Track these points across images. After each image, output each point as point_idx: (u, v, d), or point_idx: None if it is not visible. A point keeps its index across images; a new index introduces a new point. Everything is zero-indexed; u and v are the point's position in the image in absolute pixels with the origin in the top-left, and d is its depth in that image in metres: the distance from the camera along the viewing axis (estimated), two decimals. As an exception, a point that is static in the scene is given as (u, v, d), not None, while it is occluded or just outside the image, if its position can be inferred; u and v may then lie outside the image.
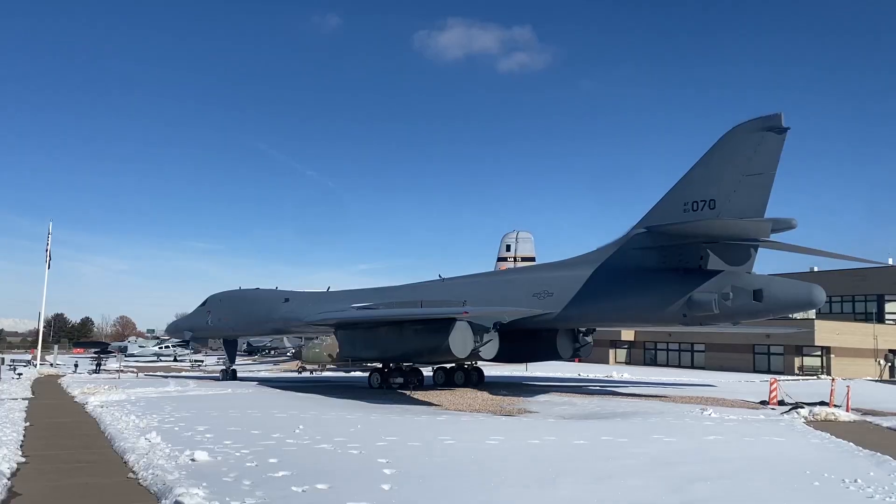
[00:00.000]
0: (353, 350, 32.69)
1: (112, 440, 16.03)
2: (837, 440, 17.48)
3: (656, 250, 26.31)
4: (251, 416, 20.85)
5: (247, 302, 39.84)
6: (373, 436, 16.87)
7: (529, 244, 48.16)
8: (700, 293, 24.84)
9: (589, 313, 28.82)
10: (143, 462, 12.89)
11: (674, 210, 25.90)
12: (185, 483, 10.95)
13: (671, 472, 12.83)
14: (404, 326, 29.34)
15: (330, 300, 36.91)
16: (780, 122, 23.92)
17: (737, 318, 26.16)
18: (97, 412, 21.46)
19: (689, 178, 25.85)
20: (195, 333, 43.19)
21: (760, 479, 12.31)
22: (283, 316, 37.18)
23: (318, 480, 11.48)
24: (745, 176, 24.36)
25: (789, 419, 22.08)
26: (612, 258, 27.88)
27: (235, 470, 12.42)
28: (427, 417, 21.33)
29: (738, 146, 24.63)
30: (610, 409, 24.89)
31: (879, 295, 58.20)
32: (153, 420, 19.33)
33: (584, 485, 11.62)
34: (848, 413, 23.21)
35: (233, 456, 13.85)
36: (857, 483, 12.02)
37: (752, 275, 25.15)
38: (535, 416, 22.77)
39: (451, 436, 17.06)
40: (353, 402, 26.10)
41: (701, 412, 23.40)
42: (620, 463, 13.68)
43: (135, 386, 32.38)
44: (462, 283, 33.71)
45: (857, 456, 15.22)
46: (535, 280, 30.46)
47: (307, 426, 18.47)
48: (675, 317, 26.15)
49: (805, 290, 24.41)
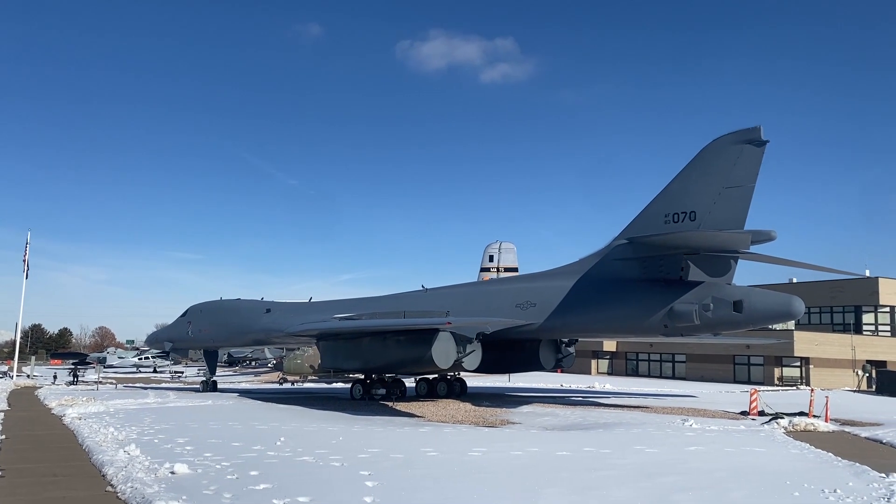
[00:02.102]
0: (335, 361, 32.52)
1: (90, 453, 15.81)
2: (817, 450, 17.65)
3: (638, 261, 26.49)
4: (232, 428, 20.67)
5: (228, 312, 39.55)
6: (355, 448, 16.78)
7: (512, 255, 48.40)
8: (681, 304, 25.02)
9: (571, 324, 28.89)
10: (121, 475, 12.74)
11: (655, 221, 26.12)
12: (165, 496, 10.87)
13: (653, 482, 12.89)
14: (387, 337, 29.23)
15: (312, 311, 36.74)
16: (760, 135, 24.25)
17: (717, 328, 26.36)
18: (75, 424, 21.18)
19: (670, 190, 26.11)
20: (175, 344, 42.81)
21: (741, 490, 12.39)
22: (264, 327, 36.95)
23: (299, 493, 11.41)
24: (725, 188, 24.64)
25: (769, 429, 22.27)
26: (594, 269, 28.04)
27: (216, 483, 12.31)
28: (409, 429, 21.26)
29: (718, 159, 24.91)
30: (592, 419, 24.96)
31: (857, 306, 58.94)
32: (132, 432, 19.12)
33: (567, 496, 11.64)
34: (827, 423, 23.46)
35: (213, 468, 13.72)
36: (837, 493, 12.14)
37: (733, 286, 25.38)
38: (518, 427, 22.78)
39: (434, 447, 17.02)
40: (335, 414, 25.98)
41: (682, 423, 23.55)
42: (603, 474, 13.71)
43: (113, 397, 31.98)
44: (445, 294, 33.72)
45: (836, 466, 15.37)
46: (517, 291, 30.53)
47: (288, 438, 18.34)
48: (657, 327, 26.31)
49: (784, 302, 24.65)
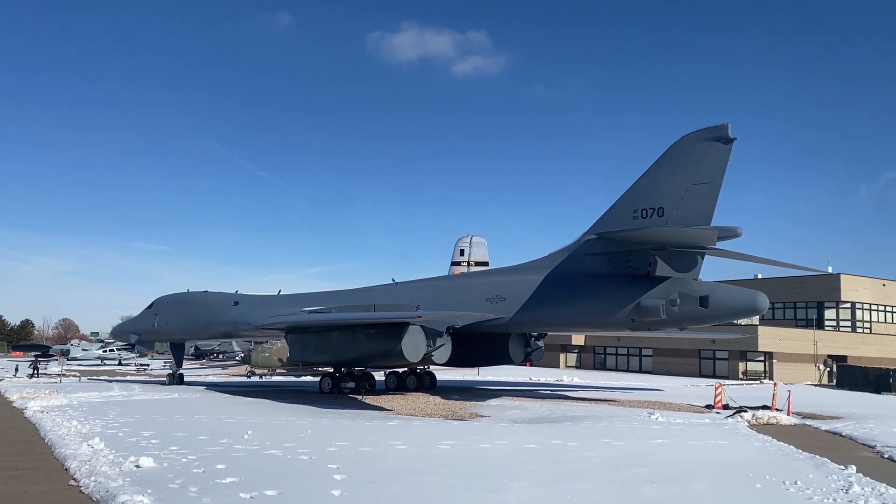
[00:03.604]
0: (303, 354, 32.33)
1: (52, 446, 15.58)
2: (779, 443, 18.04)
3: (606, 256, 26.75)
4: (198, 422, 20.47)
5: (195, 305, 39.11)
6: (323, 441, 16.73)
7: (483, 249, 48.44)
8: (648, 299, 25.31)
9: (540, 318, 29.08)
10: (85, 469, 12.57)
11: (624, 217, 26.38)
12: (130, 490, 10.74)
13: (619, 475, 13.06)
14: (356, 330, 29.16)
15: (281, 303, 36.49)
16: (727, 133, 24.61)
17: (684, 323, 26.72)
18: (37, 417, 20.85)
19: (639, 185, 26.37)
20: (141, 337, 42.22)
21: (705, 482, 12.62)
22: (231, 319, 36.59)
23: (266, 487, 11.36)
24: (693, 185, 24.96)
25: (733, 423, 22.68)
26: (563, 264, 28.25)
27: (182, 476, 12.19)
28: (379, 422, 21.26)
29: (686, 155, 25.21)
30: (560, 413, 25.19)
31: (819, 302, 60.21)
32: (96, 425, 18.83)
33: (535, 488, 11.75)
34: (789, 417, 23.96)
35: (179, 462, 13.59)
36: (797, 485, 12.42)
37: (699, 281, 25.77)
38: (487, 420, 22.90)
39: (403, 441, 17.04)
40: (304, 407, 25.87)
41: (648, 416, 23.89)
42: (570, 467, 13.86)
43: (77, 390, 31.49)
44: (415, 287, 33.72)
45: (797, 458, 15.72)
46: (487, 285, 30.65)
47: (256, 431, 18.21)
48: (624, 322, 26.60)
49: (749, 297, 25.07)
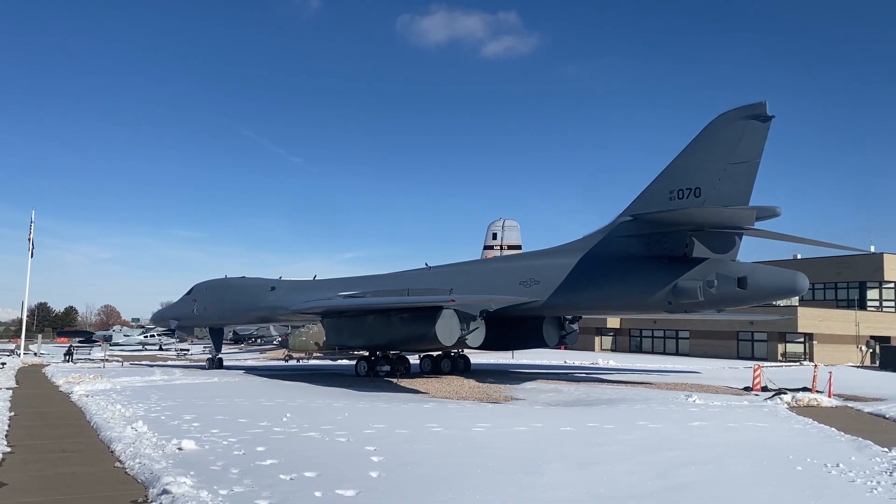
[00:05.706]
0: (339, 338, 32.66)
1: (98, 429, 15.96)
2: (820, 425, 17.72)
3: (642, 238, 26.43)
4: (238, 405, 20.82)
5: (233, 290, 39.66)
6: (360, 423, 16.90)
7: (516, 232, 48.29)
8: (685, 281, 24.99)
9: (575, 301, 28.90)
10: (129, 451, 12.88)
11: (659, 198, 26.01)
12: (173, 472, 10.97)
13: (656, 457, 12.97)
14: (391, 314, 29.35)
15: (316, 288, 36.84)
16: (765, 111, 24.06)
17: (721, 305, 26.34)
18: (82, 401, 21.35)
19: (675, 166, 25.95)
20: (181, 322, 42.95)
21: (744, 464, 12.47)
22: (269, 304, 37.07)
23: (305, 468, 11.52)
24: (730, 164, 24.48)
25: (772, 405, 22.35)
26: (597, 246, 27.99)
27: (223, 458, 12.43)
28: (414, 405, 21.40)
29: (723, 134, 24.73)
30: (596, 395, 25.08)
31: (861, 282, 58.80)
32: (139, 409, 19.27)
33: (571, 471, 11.73)
34: (830, 399, 23.53)
35: (220, 444, 13.85)
36: (840, 468, 12.20)
37: (737, 262, 25.33)
38: (522, 403, 22.91)
39: (439, 423, 17.13)
40: (340, 390, 26.14)
41: (686, 399, 23.67)
42: (606, 449, 13.81)
43: (120, 375, 32.19)
44: (449, 272, 33.75)
45: (839, 441, 15.44)
46: (521, 268, 30.53)
47: (294, 414, 18.49)
48: (661, 304, 26.32)
49: (789, 278, 24.60)
